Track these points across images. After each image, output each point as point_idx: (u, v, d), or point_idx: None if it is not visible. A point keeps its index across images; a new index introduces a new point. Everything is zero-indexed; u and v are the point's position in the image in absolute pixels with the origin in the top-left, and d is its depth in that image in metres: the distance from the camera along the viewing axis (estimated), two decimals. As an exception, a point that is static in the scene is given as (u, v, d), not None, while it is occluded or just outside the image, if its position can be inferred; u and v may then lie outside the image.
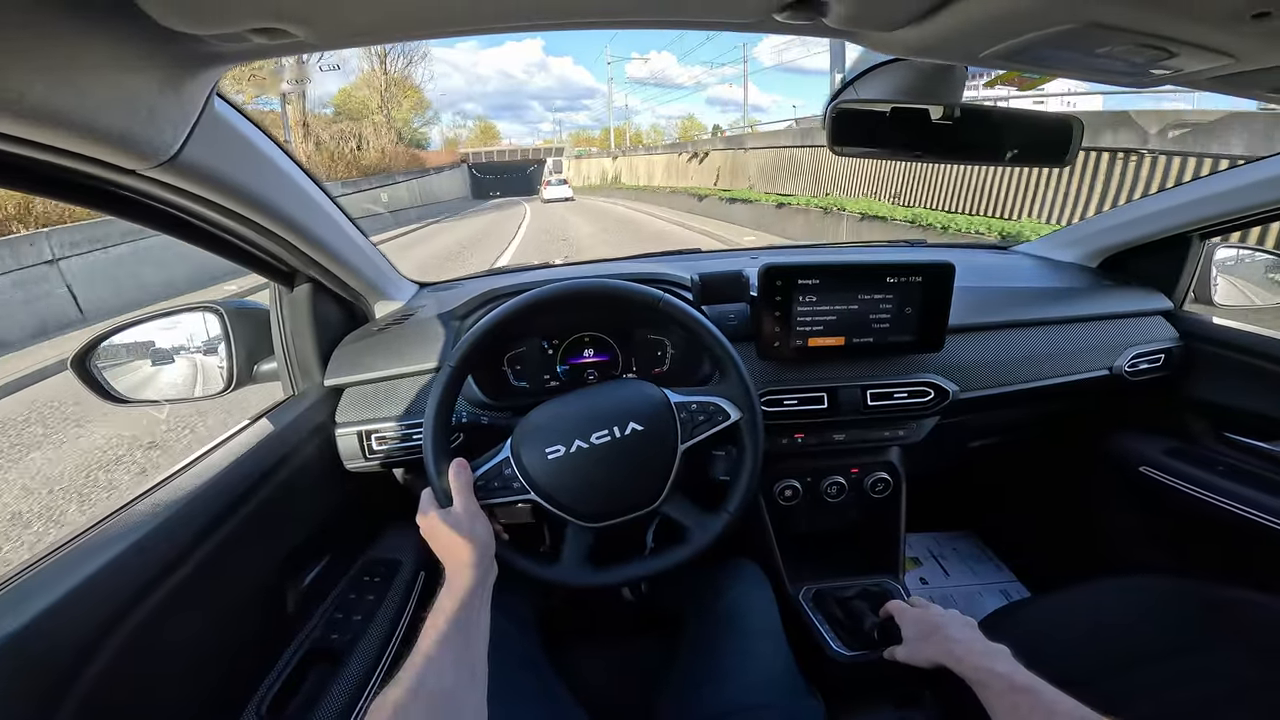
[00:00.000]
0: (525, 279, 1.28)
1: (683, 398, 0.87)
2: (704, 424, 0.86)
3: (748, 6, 0.49)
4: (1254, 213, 1.15)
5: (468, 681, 0.61)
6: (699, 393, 0.88)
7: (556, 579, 0.83)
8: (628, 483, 0.84)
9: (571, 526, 0.84)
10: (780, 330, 1.08)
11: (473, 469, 0.83)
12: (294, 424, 1.00)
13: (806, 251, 1.79)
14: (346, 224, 1.06)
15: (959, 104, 0.77)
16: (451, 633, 0.65)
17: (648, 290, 0.89)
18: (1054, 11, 0.43)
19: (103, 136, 0.53)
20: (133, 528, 0.71)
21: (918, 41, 0.54)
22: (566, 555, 0.84)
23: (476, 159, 59.24)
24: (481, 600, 0.71)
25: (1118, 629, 1.01)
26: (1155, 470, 1.33)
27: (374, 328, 1.19)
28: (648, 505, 0.84)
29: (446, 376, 0.84)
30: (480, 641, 0.67)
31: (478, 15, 0.49)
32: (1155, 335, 1.33)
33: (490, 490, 0.83)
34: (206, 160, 0.68)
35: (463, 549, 0.74)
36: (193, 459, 0.87)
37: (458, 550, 0.74)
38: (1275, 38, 0.44)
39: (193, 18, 0.45)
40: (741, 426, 0.87)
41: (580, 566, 0.84)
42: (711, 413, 0.86)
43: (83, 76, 0.47)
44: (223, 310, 1.06)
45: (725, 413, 0.86)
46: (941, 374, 1.16)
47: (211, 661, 0.80)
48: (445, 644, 0.63)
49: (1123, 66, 0.55)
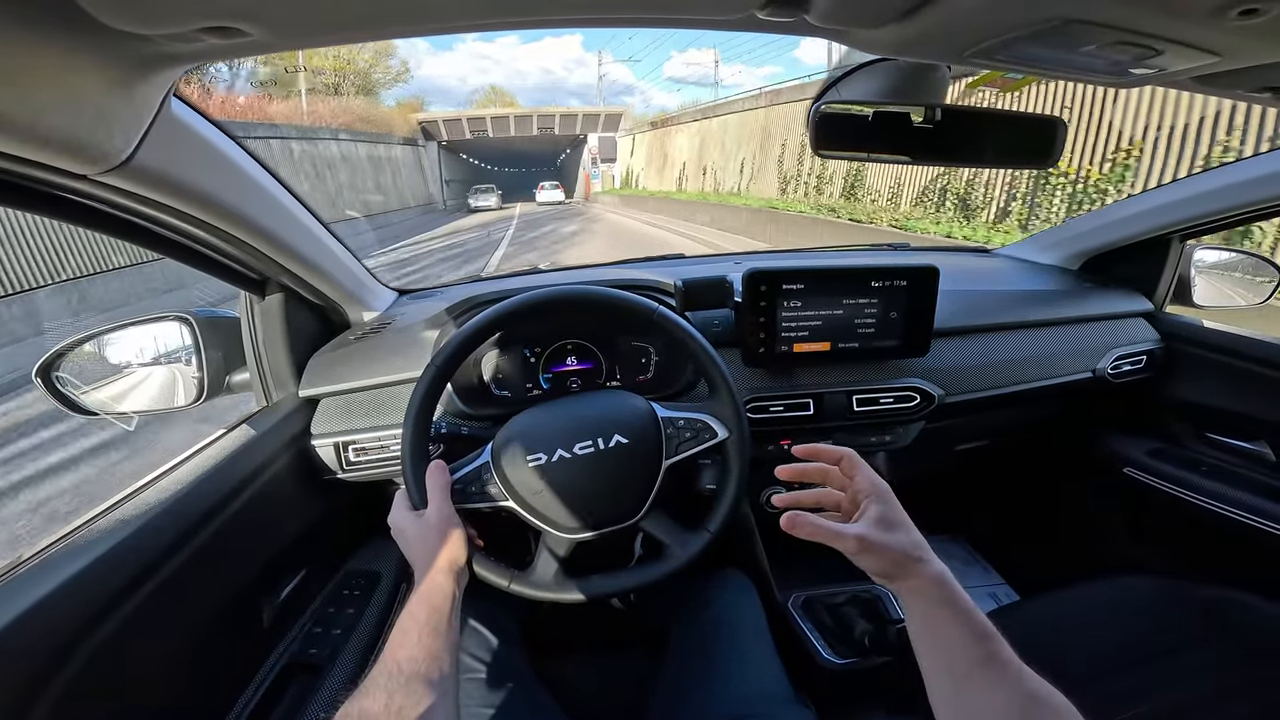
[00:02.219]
0: (508, 286, 1.26)
1: (670, 412, 0.85)
2: (690, 440, 0.84)
3: (730, 4, 0.48)
4: (1231, 214, 1.17)
5: (437, 690, 0.59)
6: (687, 409, 0.86)
7: (521, 590, 0.80)
8: (608, 496, 0.82)
9: (546, 537, 0.82)
10: (765, 336, 1.07)
11: (451, 472, 0.81)
12: (267, 435, 0.97)
13: (791, 256, 1.79)
14: (320, 230, 1.03)
15: (943, 105, 0.77)
16: (420, 640, 0.62)
17: (642, 301, 0.87)
18: (1034, 8, 0.42)
19: (48, 140, 0.50)
20: (97, 542, 0.69)
21: (901, 40, 0.53)
22: (538, 566, 0.82)
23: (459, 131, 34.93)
24: (453, 607, 0.69)
25: (1107, 630, 1.01)
26: (1139, 471, 1.34)
27: (351, 336, 1.16)
28: (628, 520, 0.82)
29: (431, 375, 0.81)
30: (450, 649, 0.65)
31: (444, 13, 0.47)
32: (1137, 337, 1.34)
33: (467, 495, 0.80)
34: (163, 164, 0.65)
35: (434, 554, 0.72)
36: (160, 473, 0.85)
37: (429, 555, 0.72)
38: (1261, 35, 0.44)
39: (137, 17, 0.42)
40: (728, 446, 0.85)
41: (550, 578, 0.82)
42: (699, 429, 0.84)
43: (24, 78, 0.45)
44: (193, 320, 1.03)
45: (713, 430, 0.85)
46: (926, 378, 1.15)
47: (186, 675, 0.79)
48: (414, 652, 0.61)
49: (1106, 65, 0.54)
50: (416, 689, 0.57)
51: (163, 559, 0.74)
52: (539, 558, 0.82)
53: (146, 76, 0.54)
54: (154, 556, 0.73)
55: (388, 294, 1.33)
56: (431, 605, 0.67)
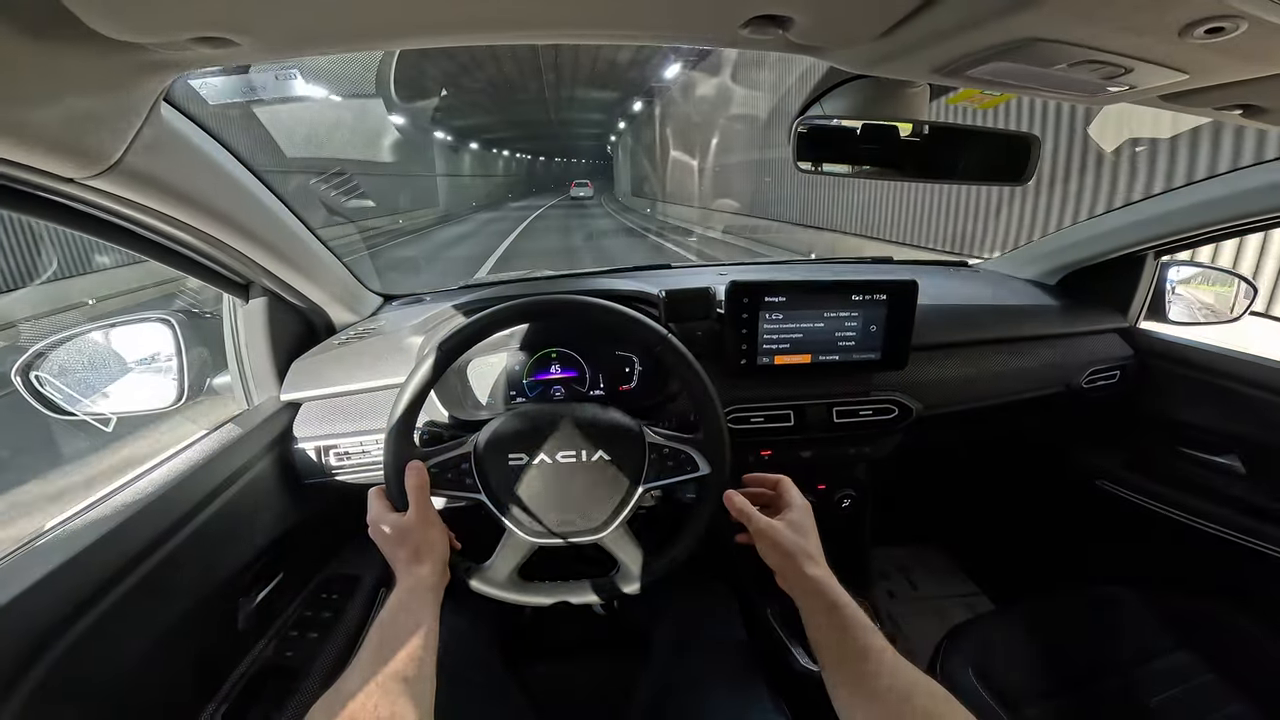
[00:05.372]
0: (494, 294, 1.27)
1: (658, 439, 0.86)
2: (672, 470, 0.85)
3: (712, 22, 0.49)
4: (1205, 231, 1.19)
5: (414, 689, 0.59)
6: (675, 439, 0.87)
7: (476, 585, 0.81)
8: (578, 507, 0.83)
9: (510, 536, 0.83)
10: (747, 348, 1.08)
11: (428, 457, 0.81)
12: (247, 438, 0.97)
13: (774, 269, 1.80)
14: (307, 235, 1.04)
15: (919, 121, 0.78)
16: (400, 639, 0.62)
17: (654, 327, 0.87)
18: (1003, 28, 0.44)
19: (36, 144, 0.51)
20: (72, 541, 0.68)
21: (878, 57, 0.55)
22: (495, 564, 0.83)
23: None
24: (433, 607, 0.69)
25: (1079, 640, 1.02)
26: (1111, 483, 1.36)
27: (335, 341, 1.16)
28: (593, 534, 0.83)
29: (432, 359, 0.81)
30: (430, 649, 0.65)
31: (430, 26, 0.48)
32: (1111, 352, 1.36)
33: (443, 480, 0.81)
34: (150, 168, 0.65)
35: (415, 554, 0.73)
36: (138, 474, 0.84)
37: (409, 555, 0.73)
38: (1228, 53, 0.45)
39: (129, 26, 0.43)
40: (708, 482, 0.86)
41: (504, 578, 0.83)
42: (682, 461, 0.85)
43: (13, 82, 0.45)
44: (173, 321, 1.02)
45: (695, 464, 0.85)
46: (906, 391, 1.17)
47: (157, 677, 0.78)
48: (393, 651, 0.61)
49: (1077, 83, 0.56)
50: (393, 688, 0.57)
51: (138, 560, 0.73)
52: (498, 556, 0.83)
53: (136, 83, 0.54)
54: (129, 557, 0.72)
55: (373, 299, 1.33)
56: (411, 605, 0.67)
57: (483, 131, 50.72)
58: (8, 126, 0.48)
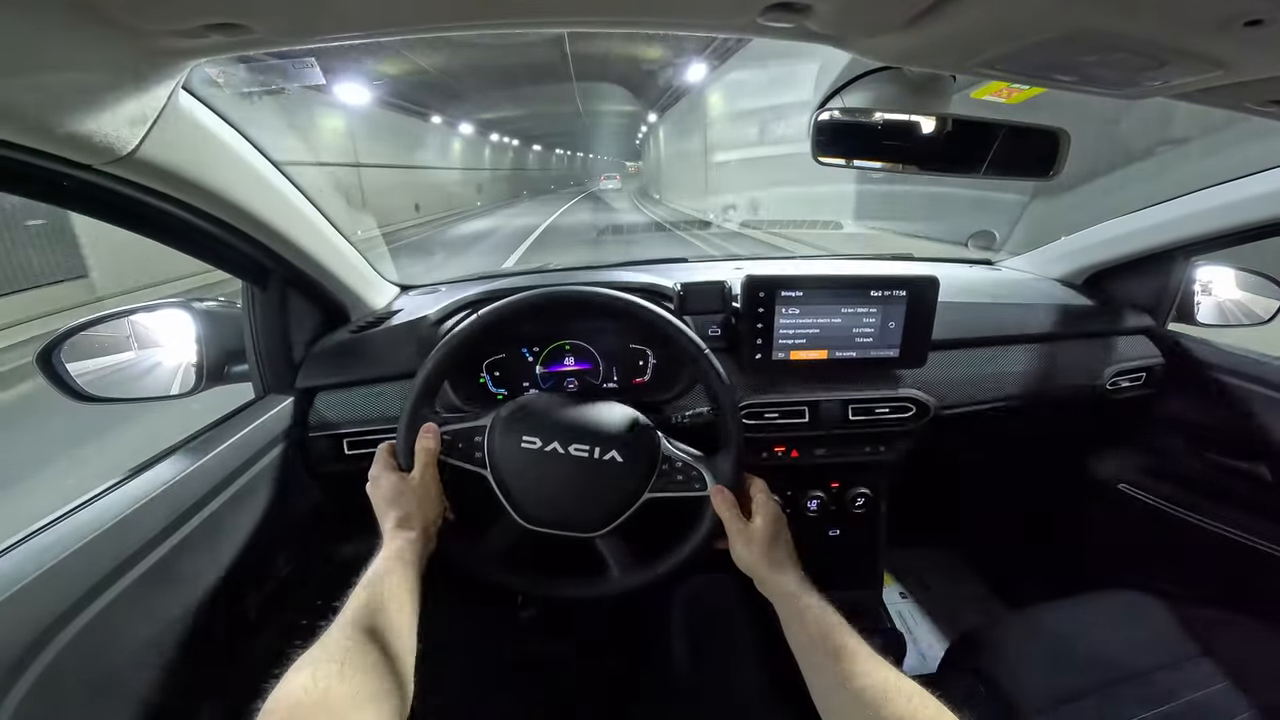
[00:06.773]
0: (510, 284, 1.26)
1: (674, 450, 0.85)
2: (680, 484, 0.84)
3: (730, 8, 0.48)
4: (1237, 231, 1.15)
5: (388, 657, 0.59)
6: (691, 454, 0.85)
7: (467, 562, 0.82)
8: (578, 503, 0.83)
9: (504, 519, 0.83)
10: (762, 343, 1.07)
11: (443, 423, 0.82)
12: (262, 426, 0.98)
13: (790, 263, 1.78)
14: (324, 224, 1.04)
15: (944, 114, 0.76)
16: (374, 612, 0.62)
17: (693, 338, 0.85)
18: (1038, 19, 0.42)
19: (55, 131, 0.51)
20: (82, 530, 0.69)
21: (904, 49, 0.53)
22: (483, 544, 0.83)
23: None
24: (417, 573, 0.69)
25: (1099, 645, 1.00)
26: (1134, 488, 1.33)
27: (350, 330, 1.16)
28: (585, 532, 0.83)
29: (472, 324, 0.82)
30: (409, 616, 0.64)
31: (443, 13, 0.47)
32: (1138, 353, 1.33)
33: (453, 449, 0.82)
34: (169, 156, 0.66)
35: (408, 514, 0.73)
36: (150, 460, 0.85)
37: (402, 514, 0.73)
38: (1266, 47, 0.44)
39: (144, 13, 0.43)
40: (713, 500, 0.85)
41: (492, 559, 0.83)
42: (692, 478, 0.84)
43: (32, 69, 0.45)
44: (194, 308, 1.03)
45: (704, 483, 0.84)
46: (923, 389, 1.15)
47: (168, 665, 0.78)
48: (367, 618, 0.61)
49: (1111, 77, 0.54)
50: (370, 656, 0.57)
51: (149, 548, 0.74)
52: (488, 536, 0.84)
53: (153, 70, 0.55)
54: (138, 546, 0.73)
55: (390, 288, 1.33)
56: (393, 572, 0.67)
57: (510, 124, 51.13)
58: (26, 113, 0.48)
